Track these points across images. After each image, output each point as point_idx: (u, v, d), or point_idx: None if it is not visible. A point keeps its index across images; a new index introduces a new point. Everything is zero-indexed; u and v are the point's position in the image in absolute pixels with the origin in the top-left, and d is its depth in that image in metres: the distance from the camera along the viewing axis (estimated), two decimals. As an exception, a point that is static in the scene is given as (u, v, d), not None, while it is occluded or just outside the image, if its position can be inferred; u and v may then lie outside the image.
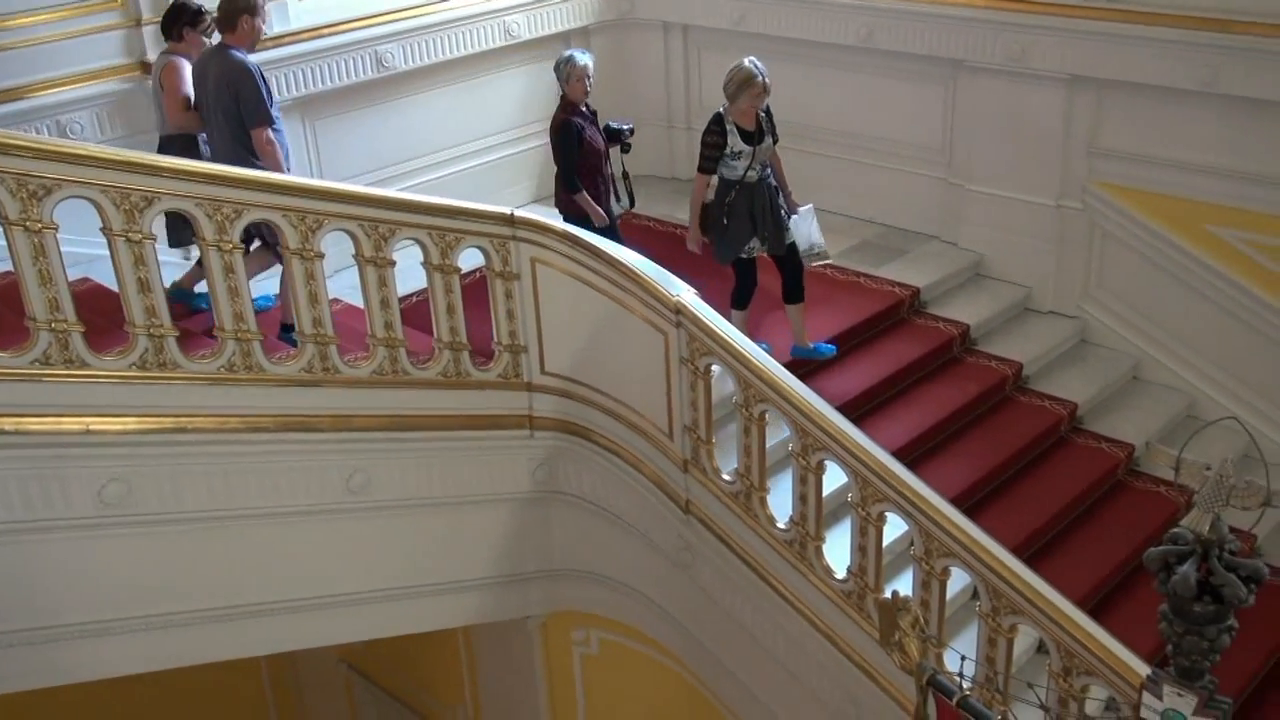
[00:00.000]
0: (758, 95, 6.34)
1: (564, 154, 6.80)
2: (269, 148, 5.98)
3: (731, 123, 6.38)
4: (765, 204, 6.49)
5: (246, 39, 5.98)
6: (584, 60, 6.80)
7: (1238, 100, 6.63)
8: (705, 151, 6.45)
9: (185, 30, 6.20)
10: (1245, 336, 6.97)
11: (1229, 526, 2.54)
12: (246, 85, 5.86)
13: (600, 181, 6.92)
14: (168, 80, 6.18)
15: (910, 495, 4.73)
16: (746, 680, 5.76)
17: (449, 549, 6.00)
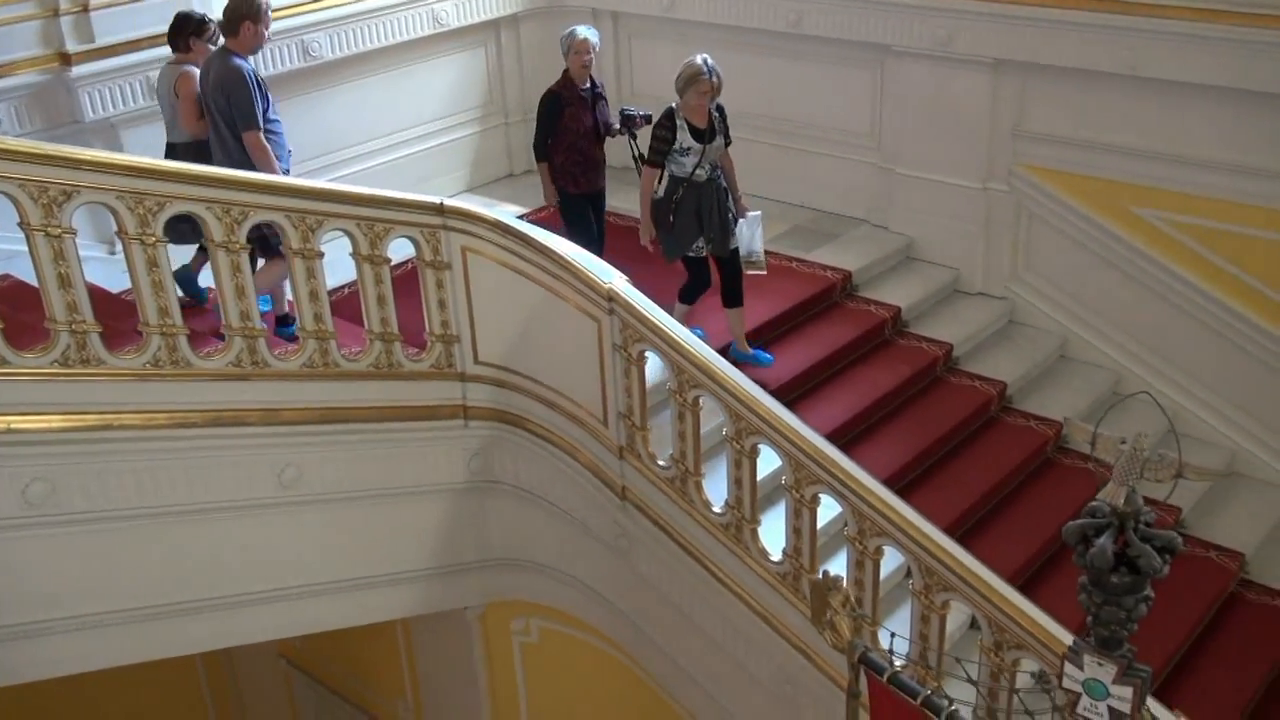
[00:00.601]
0: (705, 92, 6.32)
1: (538, 124, 6.94)
2: (259, 151, 6.03)
3: (683, 118, 6.35)
4: (713, 204, 6.48)
5: (247, 45, 6.07)
6: (584, 34, 6.84)
7: (1159, 83, 6.76)
8: (654, 145, 6.44)
9: (191, 40, 6.29)
10: (1167, 314, 7.12)
11: (1148, 499, 2.60)
12: (239, 90, 5.94)
13: (579, 161, 6.96)
14: (184, 89, 6.26)
15: (843, 477, 4.78)
16: (685, 664, 5.79)
17: (384, 541, 5.97)
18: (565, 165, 6.97)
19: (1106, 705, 2.57)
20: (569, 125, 6.89)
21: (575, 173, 6.99)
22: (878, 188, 8.16)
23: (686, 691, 5.91)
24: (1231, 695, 5.67)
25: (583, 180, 7.02)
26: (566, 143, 6.92)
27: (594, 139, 7.01)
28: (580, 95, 6.92)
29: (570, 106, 6.87)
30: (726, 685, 5.62)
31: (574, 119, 6.89)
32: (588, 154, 6.99)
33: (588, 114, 6.94)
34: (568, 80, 6.90)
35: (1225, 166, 6.67)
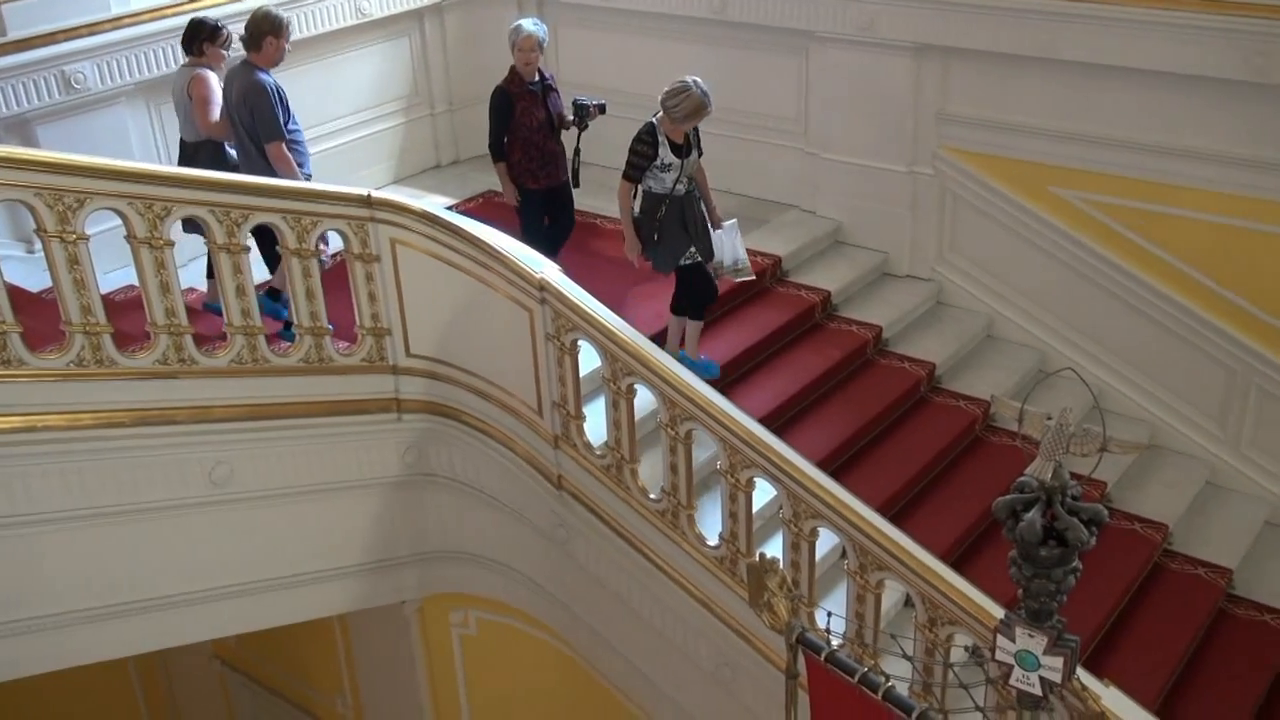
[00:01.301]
0: (701, 119, 6.24)
1: (491, 122, 6.87)
2: (281, 161, 6.23)
3: (663, 135, 6.23)
4: (695, 215, 6.41)
5: (269, 58, 6.26)
6: (530, 30, 6.77)
7: (1075, 65, 6.87)
8: (634, 160, 6.28)
9: (205, 45, 6.42)
10: (1089, 292, 7.25)
11: (1074, 474, 2.66)
12: (262, 103, 6.14)
13: (535, 156, 6.91)
14: (196, 91, 6.39)
15: (777, 460, 4.82)
16: (625, 651, 5.82)
17: (319, 537, 5.93)
18: (522, 162, 6.92)
19: (1038, 676, 2.63)
20: (521, 121, 6.84)
21: (533, 168, 6.94)
22: (805, 173, 8.21)
23: (627, 678, 5.94)
24: (1159, 661, 5.82)
25: (541, 175, 6.97)
26: (521, 139, 6.86)
27: (549, 132, 6.96)
28: (529, 89, 6.87)
29: (521, 102, 6.82)
30: (667, 670, 5.65)
31: (526, 114, 6.84)
32: (544, 148, 6.93)
33: (539, 108, 6.89)
34: (515, 75, 6.85)
35: (1142, 147, 6.81)
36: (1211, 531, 6.74)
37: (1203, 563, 6.50)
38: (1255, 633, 6.20)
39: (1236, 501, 6.96)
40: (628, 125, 6.69)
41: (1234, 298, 6.78)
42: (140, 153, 7.38)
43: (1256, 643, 6.13)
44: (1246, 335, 6.77)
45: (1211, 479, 7.06)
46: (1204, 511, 6.87)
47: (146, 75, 7.31)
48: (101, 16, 7.09)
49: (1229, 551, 6.59)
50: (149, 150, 7.49)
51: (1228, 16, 6.24)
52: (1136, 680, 5.30)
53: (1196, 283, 6.88)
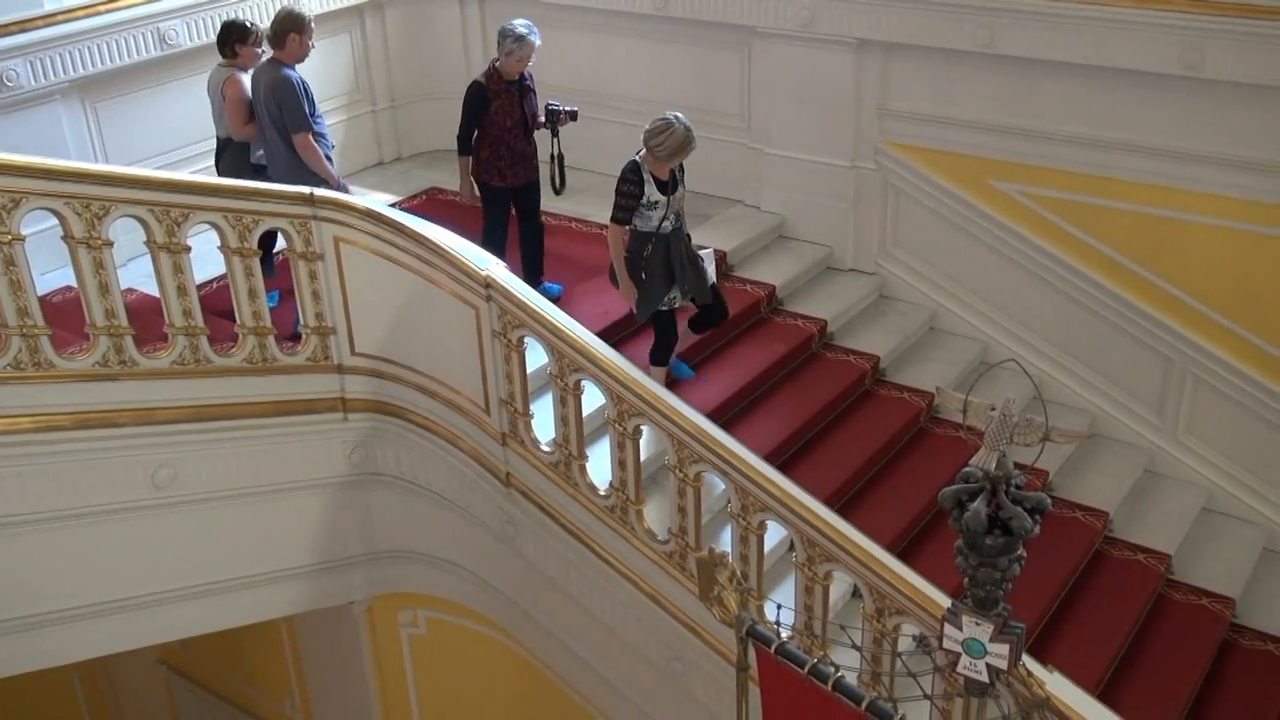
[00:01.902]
0: (686, 154, 6.13)
1: (463, 116, 6.80)
2: (308, 151, 6.53)
3: (648, 172, 6.08)
4: (681, 254, 6.25)
5: (293, 54, 6.57)
6: (533, 40, 6.69)
7: (1013, 60, 6.96)
8: (621, 201, 6.10)
9: (237, 46, 6.69)
10: (1029, 284, 7.36)
11: (1017, 463, 2.71)
12: (288, 96, 6.45)
13: (505, 155, 6.85)
14: (230, 92, 6.68)
15: (725, 455, 4.84)
16: (576, 647, 5.82)
17: (265, 539, 5.87)
18: (490, 159, 6.86)
19: (985, 663, 2.67)
20: (495, 119, 6.77)
21: (501, 166, 6.88)
22: (749, 168, 8.25)
23: (579, 675, 5.94)
24: (1101, 646, 5.92)
25: (509, 174, 6.90)
26: (492, 136, 6.80)
27: (522, 132, 6.88)
28: (508, 88, 6.79)
29: (497, 99, 6.75)
30: (618, 666, 5.66)
31: (501, 113, 6.77)
32: (515, 148, 6.86)
33: (515, 107, 6.81)
34: (494, 73, 6.77)
35: (1080, 140, 6.91)
36: (1151, 518, 6.87)
37: (1142, 549, 6.63)
38: (1193, 616, 6.33)
39: (1175, 488, 7.10)
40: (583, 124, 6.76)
41: (1170, 288, 6.91)
42: (76, 152, 7.27)
43: (1195, 626, 6.26)
44: (1183, 325, 6.91)
45: (1150, 467, 7.20)
46: (1143, 499, 7.01)
47: (81, 73, 7.19)
48: (34, 13, 6.95)
49: (1167, 538, 6.72)
50: (84, 149, 7.37)
51: (1162, 12, 6.35)
52: (1079, 665, 5.39)
53: (1133, 274, 7.00)
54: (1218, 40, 6.24)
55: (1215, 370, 6.86)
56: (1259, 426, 6.83)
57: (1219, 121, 6.47)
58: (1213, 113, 6.47)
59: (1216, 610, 6.36)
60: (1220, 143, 6.49)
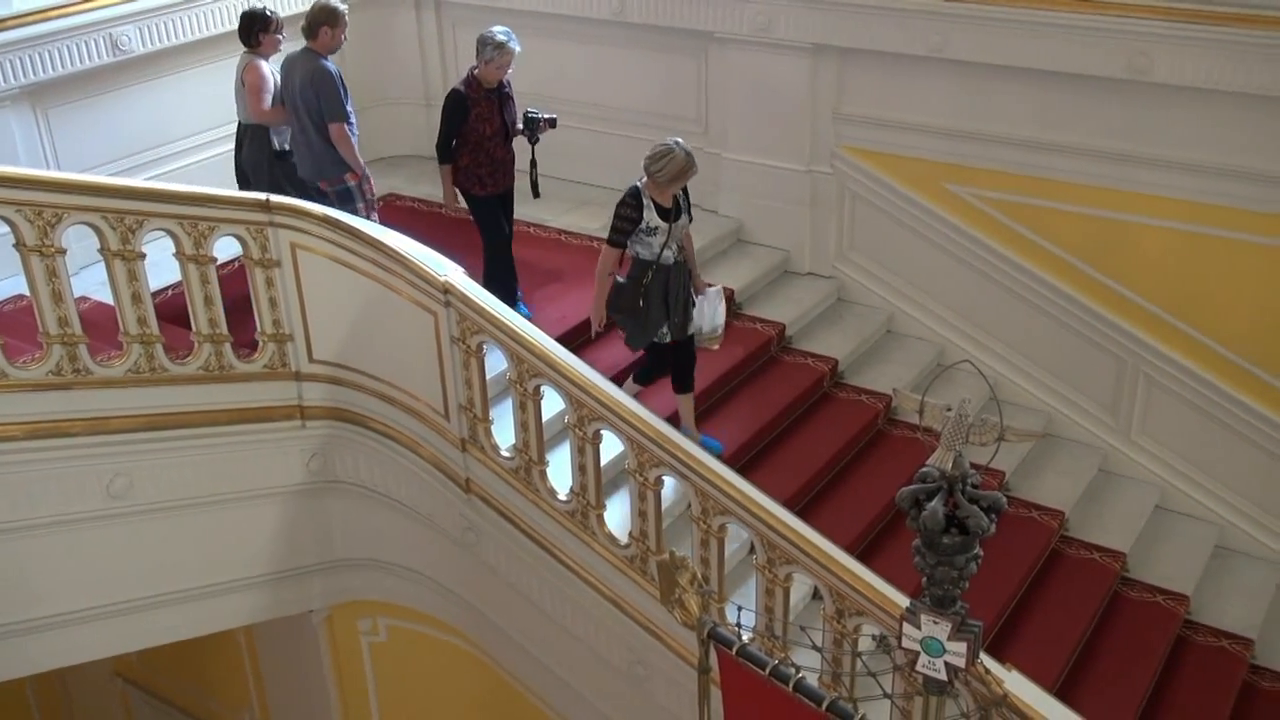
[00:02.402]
0: (687, 180, 5.99)
1: (442, 124, 6.75)
2: (343, 140, 6.70)
3: (649, 198, 5.93)
4: (679, 288, 6.09)
5: (326, 46, 6.71)
6: (514, 47, 6.65)
7: (965, 65, 7.04)
8: (618, 224, 5.95)
9: (260, 35, 6.85)
10: (984, 286, 7.43)
11: (974, 464, 2.74)
12: (327, 86, 6.62)
13: (485, 162, 6.81)
14: (249, 79, 6.83)
15: (685, 458, 4.86)
16: (538, 653, 5.81)
17: (222, 548, 5.83)
18: (470, 167, 6.81)
19: (943, 661, 2.69)
20: (475, 127, 6.72)
21: (481, 174, 6.83)
22: (706, 172, 8.18)
23: (541, 680, 5.94)
24: (1058, 644, 5.98)
25: (489, 182, 6.86)
26: (472, 144, 6.75)
27: (502, 140, 6.85)
28: (488, 96, 6.74)
29: (477, 107, 6.70)
30: (580, 671, 5.66)
31: (481, 121, 6.72)
32: (495, 155, 6.83)
33: (495, 115, 6.78)
34: (473, 80, 6.71)
35: (1032, 144, 6.99)
36: (1105, 517, 6.95)
37: (1097, 547, 6.71)
38: (1148, 613, 6.41)
39: (1128, 487, 7.19)
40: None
41: (1121, 289, 7.00)
42: (27, 158, 7.18)
43: (1150, 623, 6.34)
44: (1134, 326, 7.00)
45: (1104, 466, 7.29)
46: (1098, 498, 7.09)
47: (32, 79, 7.11)
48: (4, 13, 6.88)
49: (1122, 536, 6.81)
50: (35, 155, 7.28)
51: (1110, 17, 6.45)
52: (1037, 663, 5.44)
53: (1085, 275, 7.09)
54: (1165, 45, 6.34)
55: (1167, 370, 6.96)
56: (1210, 425, 6.94)
57: (1168, 125, 6.57)
58: (1161, 116, 6.57)
59: (1170, 607, 6.45)
60: (1169, 146, 6.58)
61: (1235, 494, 6.98)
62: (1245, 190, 6.43)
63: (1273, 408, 6.72)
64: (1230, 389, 6.81)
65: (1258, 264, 6.54)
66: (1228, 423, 6.87)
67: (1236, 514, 6.99)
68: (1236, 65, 6.19)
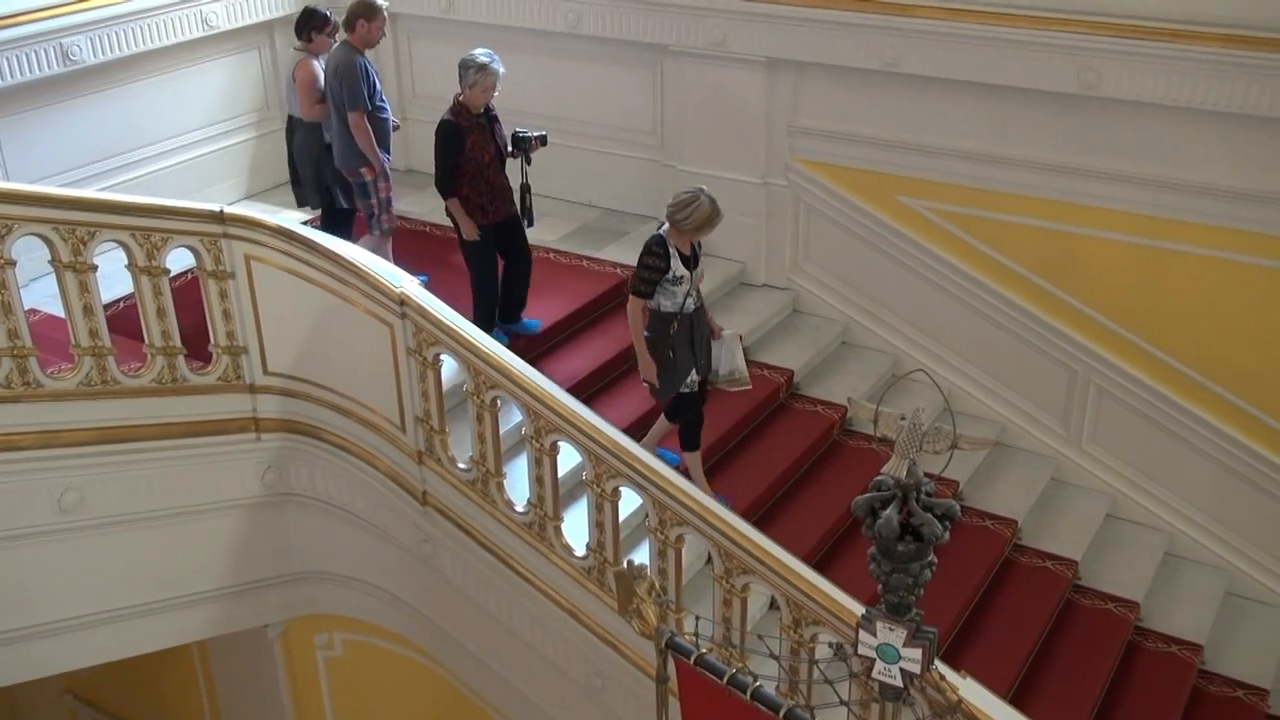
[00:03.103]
0: (713, 228, 5.88)
1: (440, 156, 6.55)
2: (359, 130, 6.91)
3: (673, 246, 5.82)
4: (703, 334, 6.03)
5: (361, 39, 6.91)
6: (496, 68, 6.49)
7: (918, 79, 7.12)
8: (644, 275, 5.79)
9: (313, 34, 7.16)
10: (937, 298, 7.51)
11: (928, 473, 2.77)
12: (348, 76, 6.82)
13: (485, 191, 6.63)
14: (300, 75, 7.19)
15: (642, 469, 4.87)
16: (496, 666, 5.80)
17: (175, 563, 5.77)
18: (472, 197, 6.62)
19: (898, 668, 2.72)
20: (472, 155, 6.54)
21: (483, 203, 6.65)
22: (662, 185, 8.29)
23: (499, 693, 5.92)
24: (1012, 651, 6.04)
25: (491, 210, 6.68)
26: (470, 173, 6.57)
27: (499, 165, 6.71)
28: (479, 121, 6.58)
29: (471, 135, 6.52)
30: (539, 684, 5.65)
31: (477, 148, 6.55)
32: (494, 182, 6.66)
33: (489, 140, 6.63)
34: (462, 108, 6.52)
35: (984, 157, 7.08)
36: (1057, 525, 7.03)
37: (1050, 555, 6.78)
38: (1100, 620, 6.49)
39: (1080, 496, 7.28)
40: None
41: (1073, 301, 7.10)
42: (-24, 169, 7.11)
43: (1101, 629, 6.42)
44: (1085, 337, 7.09)
45: (1056, 475, 7.37)
46: (1050, 507, 7.17)
47: (-21, 89, 7.04)
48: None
49: (1074, 544, 6.89)
50: (-15, 167, 7.21)
51: (1059, 33, 6.54)
52: (991, 670, 5.50)
53: (1037, 287, 7.18)
54: (1112, 60, 6.44)
55: (1117, 381, 7.06)
56: (1160, 435, 7.04)
57: (1119, 139, 6.67)
58: (1112, 130, 6.67)
59: (1122, 614, 6.53)
60: (1121, 160, 6.69)
61: (1184, 502, 7.09)
62: (1196, 204, 6.53)
63: (1221, 418, 6.83)
64: (1180, 399, 6.92)
65: (1208, 276, 6.65)
66: (1177, 432, 6.97)
67: (1186, 522, 7.10)
68: (1183, 80, 6.31)
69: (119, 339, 5.42)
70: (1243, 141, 6.33)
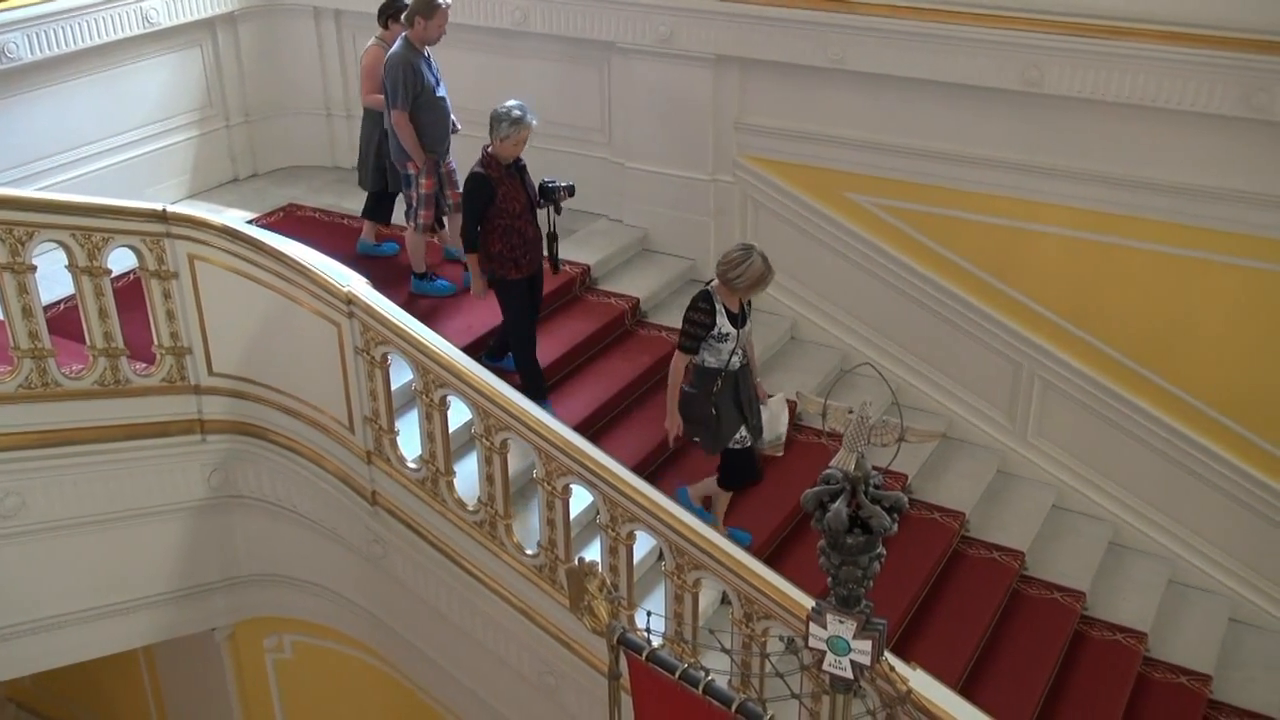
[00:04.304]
0: (764, 287, 5.75)
1: (467, 209, 6.30)
2: (400, 128, 6.99)
3: (720, 302, 5.69)
4: (750, 392, 5.89)
5: (419, 36, 6.96)
6: (533, 125, 6.26)
7: (864, 76, 7.16)
8: (690, 330, 5.69)
9: (389, 21, 7.26)
10: (886, 294, 7.56)
11: (876, 466, 2.79)
12: (391, 72, 6.92)
13: (518, 244, 6.33)
14: (365, 61, 7.48)
15: (593, 466, 4.88)
16: (448, 666, 5.77)
17: (120, 567, 5.70)
18: (504, 252, 6.30)
19: (849, 660, 2.74)
20: (503, 208, 6.25)
21: (516, 257, 6.34)
22: (611, 182, 8.31)
23: (451, 693, 5.90)
24: (961, 642, 6.10)
25: (524, 263, 6.38)
26: (503, 226, 6.27)
27: (531, 217, 6.42)
28: (509, 172, 6.31)
29: (502, 186, 6.25)
30: (491, 683, 5.64)
31: (508, 199, 6.27)
32: (526, 234, 6.37)
33: (520, 191, 6.35)
34: (491, 159, 6.25)
35: (930, 153, 7.14)
36: (1004, 517, 7.11)
37: (997, 547, 6.86)
38: (1046, 610, 6.57)
39: (1026, 488, 7.37)
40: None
41: (1017, 295, 7.17)
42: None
43: (1048, 619, 6.50)
44: (1030, 331, 7.18)
45: (1003, 467, 7.46)
46: (997, 499, 7.25)
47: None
48: None
49: (1020, 535, 6.97)
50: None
51: (1002, 30, 6.61)
52: (941, 661, 5.55)
53: (983, 282, 7.25)
54: (1056, 57, 6.52)
55: (1062, 374, 7.14)
56: (1103, 426, 7.14)
57: (1063, 135, 6.74)
58: (1057, 127, 6.74)
59: (1068, 603, 6.62)
60: (1065, 156, 6.76)
61: (1128, 492, 7.19)
62: (1140, 200, 6.62)
63: (1164, 409, 6.94)
64: (1123, 391, 7.01)
65: (1151, 270, 6.75)
66: (1120, 424, 7.07)
67: (1129, 512, 7.20)
68: (1124, 76, 6.39)
69: (60, 340, 5.34)
70: (1185, 137, 6.42)
